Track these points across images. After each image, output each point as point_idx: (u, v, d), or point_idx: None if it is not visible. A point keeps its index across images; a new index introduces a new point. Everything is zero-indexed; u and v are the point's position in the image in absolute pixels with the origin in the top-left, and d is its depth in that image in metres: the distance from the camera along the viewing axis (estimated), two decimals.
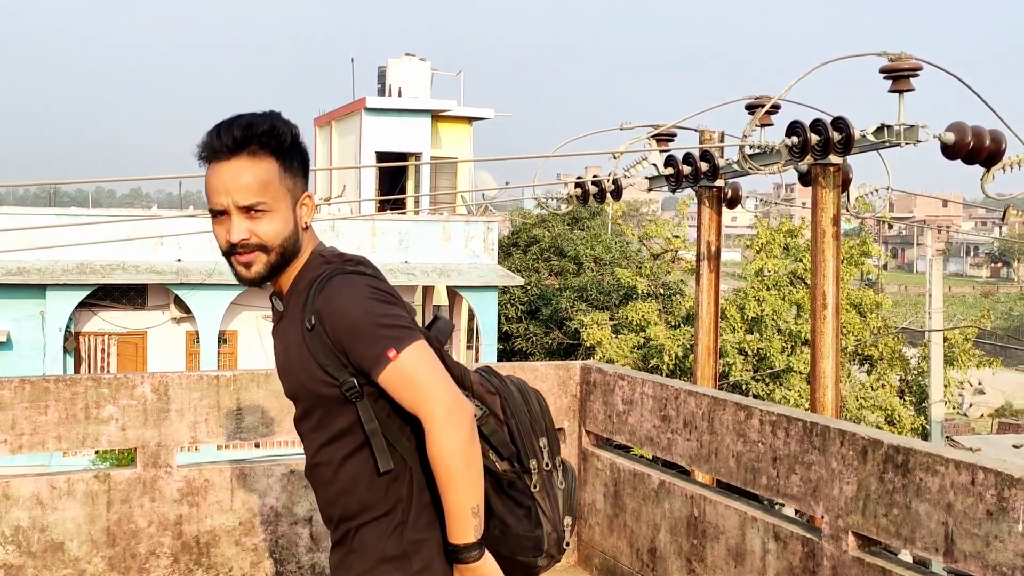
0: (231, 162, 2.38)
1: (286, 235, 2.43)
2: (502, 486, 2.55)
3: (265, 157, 2.40)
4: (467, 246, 22.56)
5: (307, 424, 2.55)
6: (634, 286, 24.55)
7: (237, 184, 2.37)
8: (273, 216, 2.40)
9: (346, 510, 2.53)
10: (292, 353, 2.49)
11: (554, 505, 2.60)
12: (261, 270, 2.44)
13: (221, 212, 2.41)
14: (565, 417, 5.61)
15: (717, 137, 10.54)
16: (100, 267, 19.82)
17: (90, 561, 4.78)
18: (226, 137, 2.38)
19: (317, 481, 2.58)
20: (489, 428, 2.54)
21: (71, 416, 4.72)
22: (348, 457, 2.48)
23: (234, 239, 2.39)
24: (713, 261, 10.82)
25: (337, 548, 2.61)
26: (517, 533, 2.56)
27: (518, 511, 2.56)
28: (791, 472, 4.20)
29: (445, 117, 27.06)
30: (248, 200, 2.38)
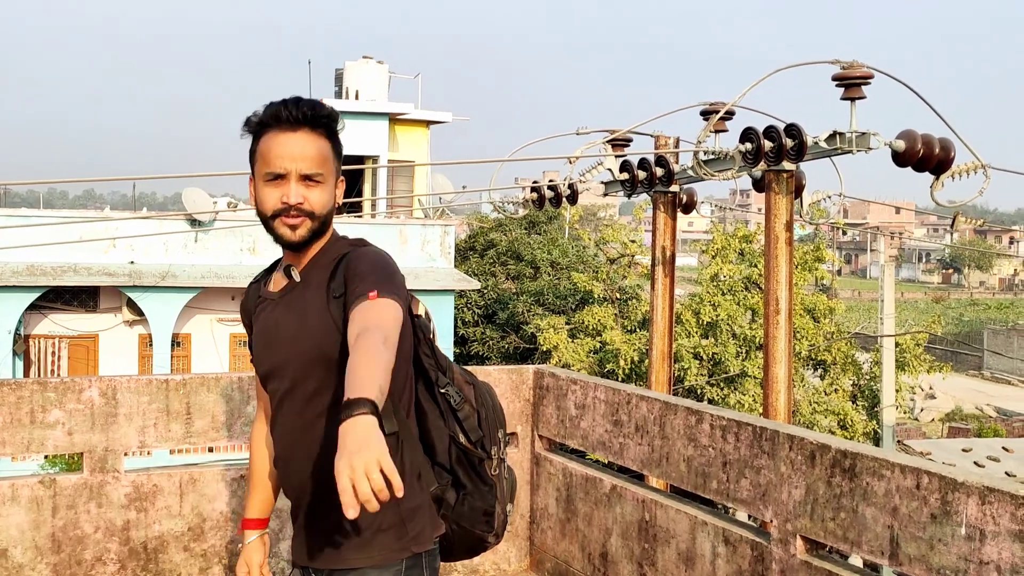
0: (297, 134, 2.61)
1: (329, 207, 2.69)
2: (473, 464, 2.84)
3: (323, 136, 2.66)
4: (424, 250, 22.51)
5: (301, 395, 2.67)
6: (590, 291, 24.60)
7: (304, 153, 2.60)
8: (324, 188, 2.65)
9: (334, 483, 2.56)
10: (312, 319, 2.64)
11: (503, 490, 2.94)
12: (305, 234, 2.65)
13: (280, 176, 2.61)
14: (518, 421, 5.61)
15: (672, 143, 10.60)
16: (51, 269, 19.56)
17: (34, 568, 4.70)
18: (296, 111, 2.61)
19: (307, 454, 2.68)
20: (464, 413, 2.82)
21: (16, 420, 4.65)
22: None
23: (292, 201, 2.60)
24: (668, 266, 10.87)
25: (314, 527, 2.70)
26: (480, 507, 2.84)
27: (483, 488, 2.86)
28: (741, 476, 4.23)
29: (402, 120, 27.00)
30: (310, 169, 2.61)
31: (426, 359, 2.79)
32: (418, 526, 2.69)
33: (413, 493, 2.67)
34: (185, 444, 4.93)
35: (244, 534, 2.97)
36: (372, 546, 2.64)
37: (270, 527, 4.90)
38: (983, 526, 3.27)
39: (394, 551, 2.65)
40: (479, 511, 2.84)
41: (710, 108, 9.51)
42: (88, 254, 19.83)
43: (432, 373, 2.79)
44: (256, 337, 2.83)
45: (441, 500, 2.80)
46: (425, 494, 2.73)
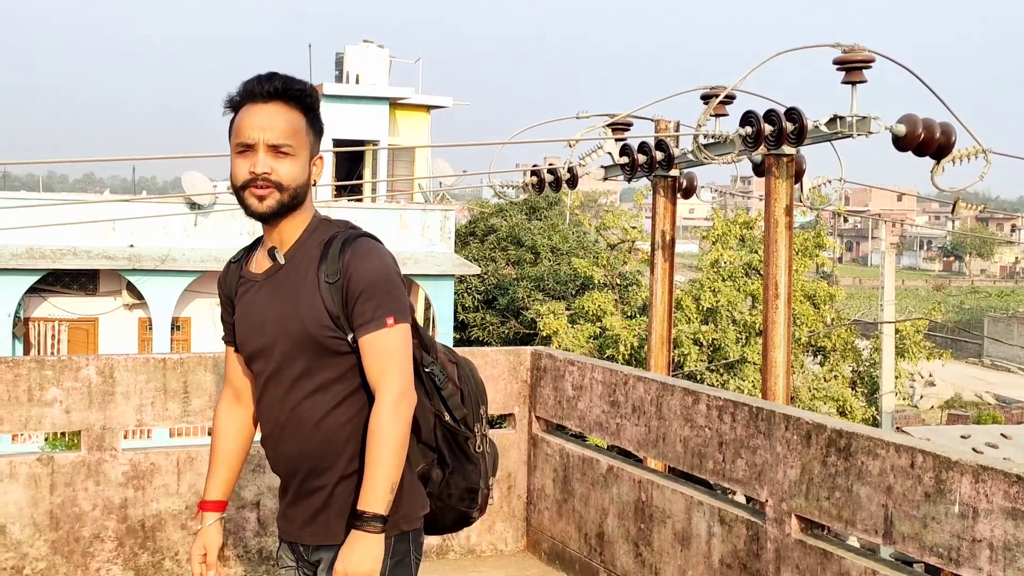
0: (268, 105, 2.63)
1: (300, 181, 2.66)
2: (457, 441, 2.85)
3: (297, 109, 2.66)
4: (424, 234, 22.50)
5: (287, 376, 2.69)
6: (591, 276, 24.60)
7: (271, 123, 2.61)
8: (294, 161, 2.64)
9: (324, 462, 2.69)
10: (300, 302, 2.66)
11: (486, 466, 2.94)
12: (273, 205, 2.64)
13: (248, 147, 2.62)
14: (516, 403, 5.62)
15: (672, 127, 10.58)
16: (50, 252, 19.55)
17: (32, 544, 4.72)
18: (267, 84, 2.63)
19: (292, 434, 2.71)
20: (448, 391, 2.83)
21: (13, 398, 4.66)
22: (335, 407, 2.68)
23: (258, 170, 2.61)
24: (668, 251, 10.86)
25: (303, 503, 2.74)
26: (464, 484, 2.87)
27: (468, 466, 2.87)
28: (737, 456, 4.24)
29: (403, 105, 26.93)
30: (278, 140, 2.61)
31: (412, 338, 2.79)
32: (406, 505, 2.71)
33: (402, 473, 2.67)
34: (183, 423, 4.94)
35: (202, 516, 2.93)
36: None
37: (267, 506, 4.92)
38: (976, 504, 3.28)
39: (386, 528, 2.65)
40: (463, 488, 2.86)
41: (710, 92, 9.49)
42: (88, 237, 19.82)
43: (417, 352, 2.79)
44: (239, 319, 2.83)
45: (427, 478, 2.81)
46: (412, 473, 2.75)
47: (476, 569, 5.41)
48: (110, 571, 4.85)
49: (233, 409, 2.97)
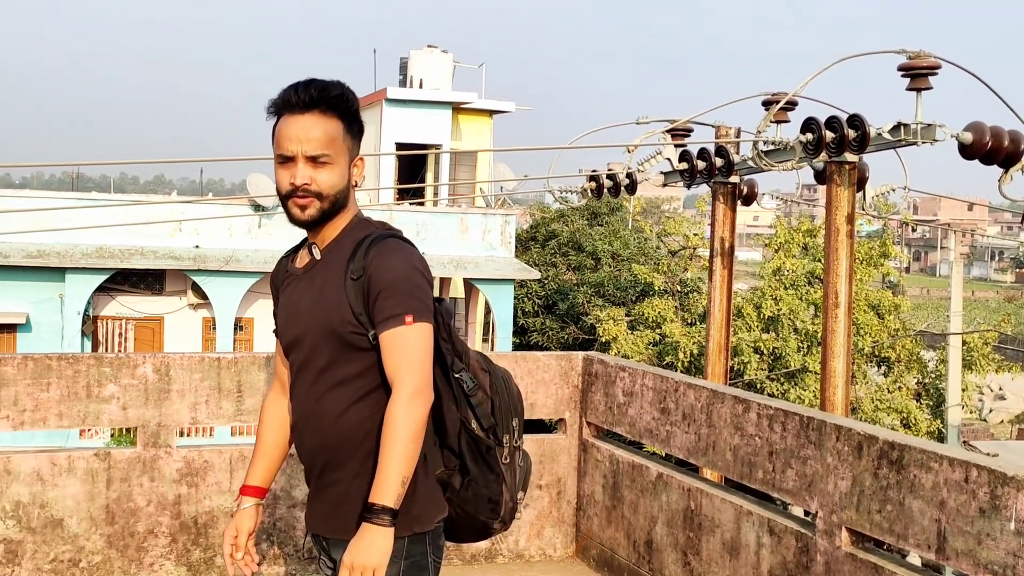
0: (305, 116, 2.67)
1: (340, 187, 2.72)
2: (480, 451, 2.84)
3: (333, 117, 2.69)
4: (484, 239, 22.55)
5: (313, 368, 2.74)
6: (651, 283, 24.49)
7: (308, 135, 2.66)
8: (333, 169, 2.69)
9: (340, 456, 2.72)
10: (327, 296, 2.71)
11: (514, 479, 2.92)
12: (314, 213, 2.71)
13: (288, 158, 2.68)
14: (566, 408, 5.61)
15: (733, 133, 10.51)
16: (119, 252, 19.92)
17: (89, 538, 4.81)
18: (303, 94, 2.67)
19: (314, 426, 2.76)
20: (477, 399, 2.83)
21: (73, 394, 4.75)
22: (356, 402, 2.70)
23: (298, 182, 2.67)
24: (726, 258, 10.79)
25: (322, 496, 2.78)
26: (484, 495, 2.85)
27: (489, 476, 2.85)
28: (787, 466, 4.19)
29: (466, 110, 27.05)
30: (315, 151, 2.66)
31: (443, 343, 2.80)
32: (420, 506, 2.71)
33: (417, 474, 2.68)
34: (236, 422, 5.00)
35: (240, 499, 2.99)
36: None
37: None
38: None
39: (398, 527, 2.65)
40: (483, 498, 2.85)
41: (771, 98, 9.41)
42: (155, 238, 20.17)
43: (448, 357, 2.80)
44: (280, 310, 2.91)
45: (447, 484, 2.81)
46: (430, 476, 2.76)
47: (524, 574, 5.40)
48: (163, 566, 4.92)
49: (278, 400, 3.02)
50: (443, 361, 2.82)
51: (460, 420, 2.82)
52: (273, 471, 3.05)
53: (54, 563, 4.77)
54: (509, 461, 2.91)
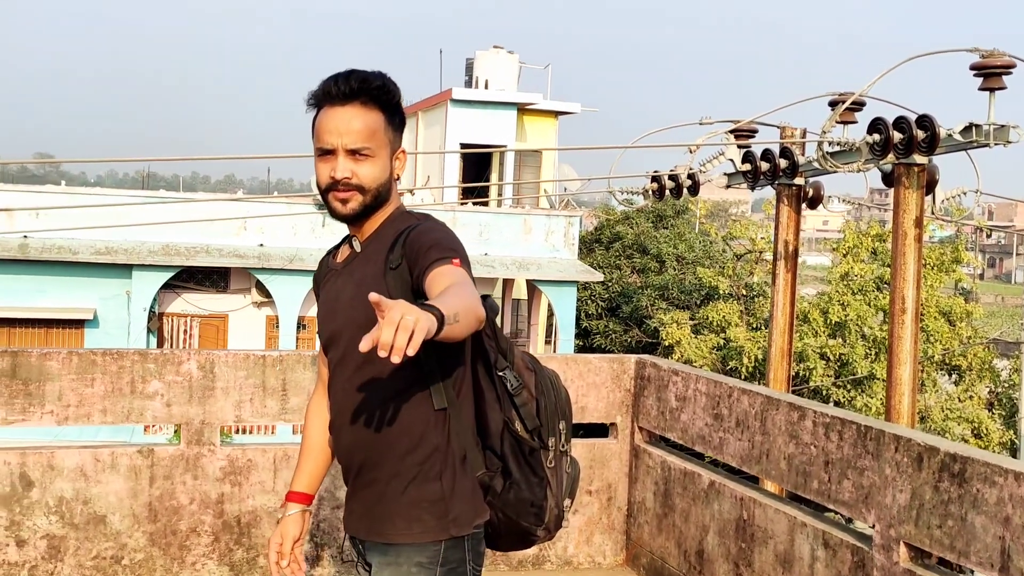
0: (345, 108, 2.59)
1: (382, 181, 2.63)
2: (524, 453, 2.72)
3: (374, 109, 2.61)
4: (547, 240, 22.42)
5: (351, 364, 2.64)
6: (716, 286, 24.23)
7: (349, 128, 2.58)
8: (374, 162, 2.61)
9: (375, 455, 2.63)
10: (365, 289, 2.56)
11: (560, 484, 2.79)
12: (356, 207, 2.63)
13: (328, 151, 2.60)
14: (618, 412, 5.47)
15: (799, 134, 10.27)
16: (185, 249, 20.13)
17: (131, 536, 4.78)
18: (344, 86, 2.59)
19: (350, 424, 2.66)
20: (521, 400, 2.72)
21: (117, 390, 4.72)
22: (392, 399, 2.59)
23: (338, 176, 2.59)
24: (790, 261, 10.54)
25: (359, 496, 2.68)
26: (527, 499, 2.72)
27: (532, 479, 2.73)
28: (843, 477, 4.02)
29: (531, 111, 26.94)
30: (356, 144, 2.58)
31: (487, 339, 2.70)
32: (458, 508, 2.61)
33: (456, 475, 2.61)
34: (280, 421, 4.94)
35: (286, 506, 2.90)
36: (410, 520, 2.59)
37: None
38: None
39: (432, 531, 2.58)
40: (526, 503, 2.72)
41: (838, 98, 9.16)
42: (220, 236, 20.35)
43: (492, 355, 2.70)
44: (320, 306, 2.82)
45: (488, 487, 2.70)
46: (469, 478, 2.65)
47: None
48: (205, 565, 4.87)
49: (322, 400, 2.92)
50: (486, 358, 2.72)
51: (503, 420, 2.71)
52: (319, 475, 2.95)
53: (96, 560, 4.74)
54: (555, 465, 2.78)
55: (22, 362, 4.61)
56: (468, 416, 2.68)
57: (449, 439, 2.62)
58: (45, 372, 4.63)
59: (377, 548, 2.65)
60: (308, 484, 2.93)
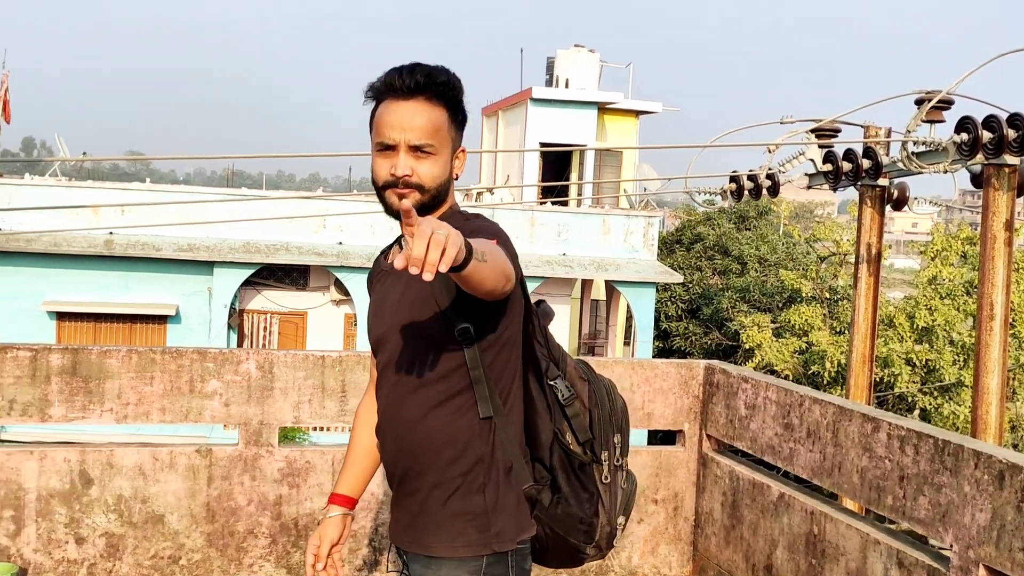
0: (409, 103, 2.50)
1: (442, 180, 2.54)
2: (573, 467, 2.62)
3: (438, 105, 2.52)
4: (626, 240, 22.20)
5: (398, 368, 2.56)
6: (799, 289, 23.76)
7: (412, 124, 2.48)
8: (435, 160, 2.51)
9: (418, 463, 2.54)
10: (412, 290, 2.52)
11: (613, 501, 2.66)
12: (414, 206, 2.48)
13: (389, 147, 2.50)
14: (685, 419, 5.30)
15: (884, 133, 9.97)
16: (265, 247, 20.33)
17: (189, 536, 4.75)
18: (408, 79, 2.49)
19: (394, 430, 2.59)
20: (573, 411, 2.61)
21: (175, 388, 4.69)
22: (437, 406, 2.51)
23: (399, 172, 2.49)
24: (873, 264, 10.24)
25: (402, 505, 2.60)
26: (576, 514, 2.61)
27: (583, 494, 2.62)
28: (919, 493, 3.81)
29: (612, 110, 26.73)
30: (419, 140, 2.48)
31: (538, 347, 2.60)
32: (501, 523, 2.50)
33: (500, 487, 2.51)
34: (339, 422, 4.87)
35: (328, 507, 2.83)
36: (452, 533, 2.49)
37: None
38: None
39: (475, 544, 2.48)
40: (575, 518, 2.60)
41: (925, 96, 8.86)
42: (300, 234, 20.52)
43: (543, 363, 2.59)
44: (369, 307, 2.74)
45: (535, 500, 2.58)
46: (514, 491, 2.54)
47: None
48: (263, 567, 4.82)
49: (371, 403, 2.83)
50: (537, 367, 2.62)
51: (553, 431, 2.60)
52: (364, 479, 2.87)
53: (154, 559, 4.72)
54: (608, 481, 2.66)
55: (82, 360, 4.60)
56: (516, 426, 2.57)
57: (494, 449, 2.53)
58: (105, 370, 4.62)
59: (419, 560, 2.56)
60: (352, 487, 2.85)
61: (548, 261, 21.41)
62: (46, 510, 4.61)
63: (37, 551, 4.61)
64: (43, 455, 4.62)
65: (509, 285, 2.27)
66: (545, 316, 2.71)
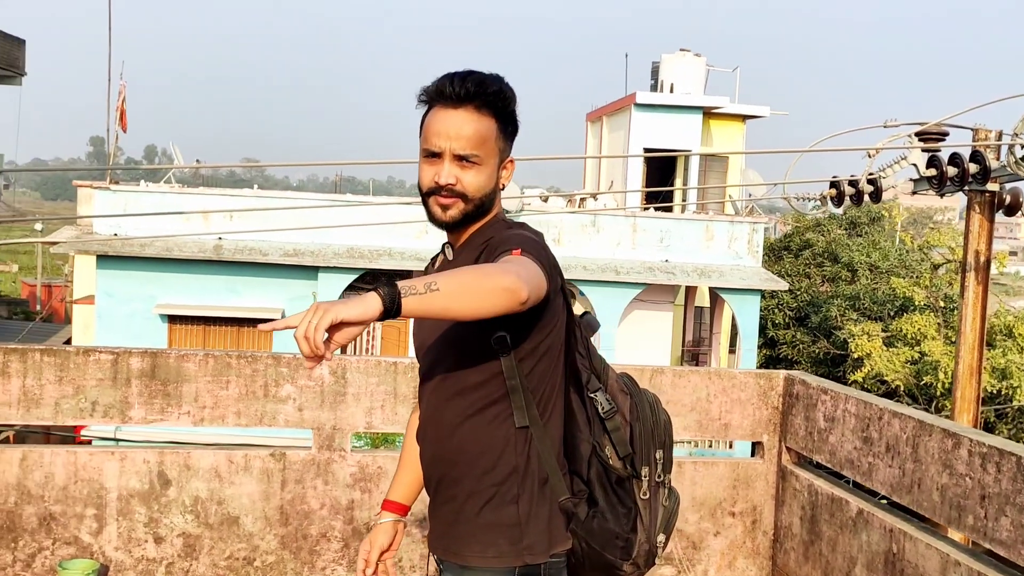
0: (458, 111, 2.49)
1: (487, 190, 2.53)
2: (611, 481, 2.58)
3: (488, 115, 2.51)
4: (730, 247, 21.87)
5: (435, 375, 2.56)
6: (911, 297, 23.09)
7: (459, 132, 2.48)
8: (480, 170, 2.50)
9: (454, 472, 2.53)
10: None
11: (653, 518, 2.61)
12: (456, 215, 2.52)
13: (435, 154, 2.50)
14: (764, 431, 5.17)
15: (994, 136, 9.61)
16: (368, 252, 20.58)
17: (263, 538, 4.80)
18: (459, 87, 2.48)
19: (432, 438, 2.59)
20: (613, 424, 2.58)
21: (250, 392, 4.76)
22: (474, 415, 2.50)
23: (442, 181, 2.49)
24: (981, 272, 9.88)
25: (438, 513, 2.60)
26: (612, 530, 2.56)
27: (620, 510, 2.58)
28: (1001, 514, 3.64)
29: (717, 114, 26.38)
30: (465, 150, 2.48)
31: (580, 359, 2.56)
32: (534, 535, 2.48)
33: (534, 499, 2.48)
34: None
35: (380, 514, 2.85)
36: (485, 544, 2.48)
37: None
38: None
39: (507, 556, 2.46)
40: (611, 534, 2.55)
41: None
42: (403, 239, 20.72)
43: (584, 374, 2.56)
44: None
45: (572, 513, 2.53)
46: (548, 503, 2.51)
47: None
48: (335, 571, 4.86)
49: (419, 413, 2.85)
50: (578, 378, 2.59)
51: (592, 445, 2.56)
52: (416, 486, 2.88)
53: (230, 560, 4.79)
54: (648, 497, 2.62)
55: (161, 363, 4.69)
56: (554, 438, 2.54)
57: (529, 460, 2.50)
58: (183, 373, 4.71)
59: (453, 569, 2.56)
60: (404, 495, 2.87)
61: (650, 267, 21.23)
62: (126, 509, 4.71)
63: (118, 549, 4.72)
64: (123, 456, 4.73)
65: (511, 299, 2.21)
66: (588, 328, 2.68)
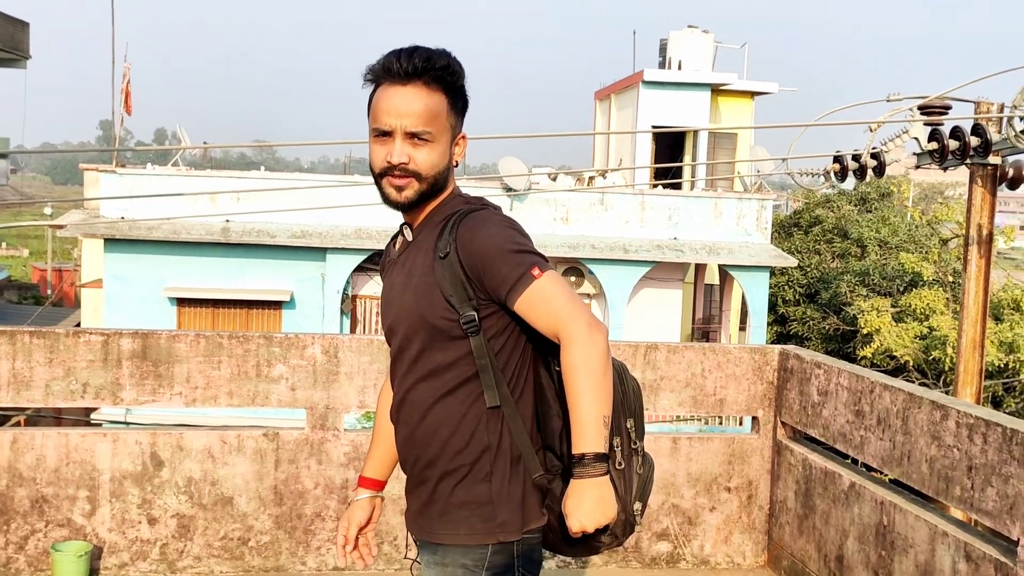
0: (406, 88, 2.44)
1: (441, 168, 2.49)
2: None
3: (437, 90, 2.46)
4: (739, 224, 21.79)
5: (406, 357, 2.56)
6: (920, 272, 23.01)
7: (409, 109, 2.43)
8: (433, 147, 2.46)
9: (428, 453, 2.53)
10: (415, 281, 2.51)
11: (628, 487, 2.57)
12: (411, 195, 2.49)
13: (385, 133, 2.46)
14: (760, 406, 5.17)
15: (996, 109, 9.55)
16: (376, 233, 20.56)
17: (257, 518, 4.82)
18: (406, 63, 2.43)
19: (404, 419, 2.59)
20: None
21: (243, 373, 4.77)
22: (445, 396, 2.49)
23: (395, 160, 2.45)
24: (984, 246, 9.83)
25: (414, 493, 2.61)
26: None
27: None
28: (987, 484, 3.64)
29: (726, 91, 26.24)
30: (416, 127, 2.43)
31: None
32: (506, 513, 2.47)
33: (507, 477, 2.48)
34: None
35: (356, 491, 2.87)
36: (457, 522, 2.48)
37: None
38: None
39: (479, 533, 2.46)
40: None
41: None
42: None
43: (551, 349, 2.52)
44: (381, 296, 2.74)
45: (547, 490, 2.53)
46: (522, 481, 2.50)
47: None
48: (330, 550, 4.88)
49: (390, 391, 2.84)
50: (545, 354, 2.57)
51: (563, 419, 2.54)
52: (390, 460, 2.89)
53: (224, 540, 4.81)
54: (623, 467, 2.57)
55: (152, 344, 4.71)
56: (526, 415, 2.54)
57: (501, 438, 2.50)
58: (174, 354, 4.72)
59: (427, 547, 2.57)
60: (378, 470, 2.90)
61: (659, 245, 21.17)
62: (119, 491, 4.74)
63: (111, 530, 4.74)
64: (115, 437, 4.75)
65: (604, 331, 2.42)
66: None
